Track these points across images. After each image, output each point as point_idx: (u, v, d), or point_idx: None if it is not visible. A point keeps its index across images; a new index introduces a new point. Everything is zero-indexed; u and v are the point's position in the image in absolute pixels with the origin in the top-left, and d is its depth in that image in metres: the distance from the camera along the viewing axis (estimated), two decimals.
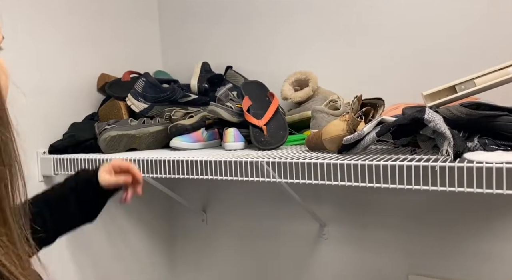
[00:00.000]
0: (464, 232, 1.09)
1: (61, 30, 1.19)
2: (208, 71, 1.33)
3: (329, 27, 1.24)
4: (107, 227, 1.31)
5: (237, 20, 1.40)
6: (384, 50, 1.17)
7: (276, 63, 1.33)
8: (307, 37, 1.28)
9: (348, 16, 1.21)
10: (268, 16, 1.34)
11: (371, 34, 1.18)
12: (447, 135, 0.67)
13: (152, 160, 0.96)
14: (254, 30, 1.37)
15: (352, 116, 0.80)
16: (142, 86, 1.19)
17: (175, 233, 1.57)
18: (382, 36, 1.17)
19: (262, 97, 1.13)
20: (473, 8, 1.06)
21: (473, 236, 1.08)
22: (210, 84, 1.30)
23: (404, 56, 1.14)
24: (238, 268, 1.45)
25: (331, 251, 1.27)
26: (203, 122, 1.18)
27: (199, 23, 1.47)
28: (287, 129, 1.05)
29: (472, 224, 1.07)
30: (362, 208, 1.21)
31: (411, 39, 1.13)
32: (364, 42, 1.19)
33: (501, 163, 0.59)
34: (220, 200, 1.45)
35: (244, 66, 1.36)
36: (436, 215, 1.11)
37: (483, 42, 1.05)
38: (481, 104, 0.75)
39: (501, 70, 0.78)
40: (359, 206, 1.21)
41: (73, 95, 1.21)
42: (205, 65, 1.35)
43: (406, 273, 1.17)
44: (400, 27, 1.14)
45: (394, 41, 1.15)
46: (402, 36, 1.14)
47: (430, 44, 1.11)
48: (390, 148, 0.90)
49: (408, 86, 1.12)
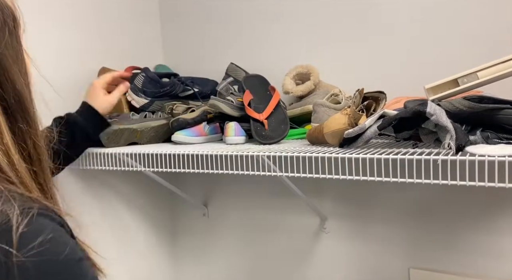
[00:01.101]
0: (465, 226, 1.08)
1: (62, 23, 1.18)
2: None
3: (330, 21, 1.23)
4: (108, 221, 1.31)
5: (238, 14, 1.39)
6: (386, 43, 1.16)
7: (277, 57, 1.33)
8: (309, 31, 1.27)
9: (349, 10, 1.20)
10: (270, 10, 1.33)
11: (372, 28, 1.17)
12: (449, 128, 0.67)
13: (154, 154, 0.96)
14: (255, 24, 1.36)
15: (354, 110, 0.79)
16: (142, 81, 1.18)
17: (177, 227, 1.57)
18: (384, 30, 1.16)
19: (263, 91, 1.13)
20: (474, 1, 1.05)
21: (474, 231, 1.08)
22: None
23: (406, 49, 1.13)
24: (240, 261, 1.45)
25: (332, 245, 1.28)
26: (205, 116, 1.17)
27: (200, 17, 1.47)
28: (288, 123, 1.05)
29: (473, 219, 1.07)
30: (363, 202, 1.21)
31: (412, 32, 1.12)
32: (366, 35, 1.18)
33: (504, 157, 0.58)
34: (221, 194, 1.46)
35: (245, 60, 1.35)
36: (437, 209, 1.11)
37: (486, 34, 1.04)
38: (484, 97, 0.75)
39: (505, 63, 0.77)
40: (361, 200, 1.21)
41: (74, 88, 1.21)
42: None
43: (407, 266, 1.17)
44: (402, 20, 1.13)
45: (396, 34, 1.14)
46: (404, 29, 1.13)
47: (432, 37, 1.10)
48: (392, 142, 0.90)
49: (410, 80, 1.11)
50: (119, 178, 1.35)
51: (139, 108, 1.20)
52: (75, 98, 1.23)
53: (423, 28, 1.11)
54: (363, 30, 1.19)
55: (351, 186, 1.21)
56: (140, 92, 1.18)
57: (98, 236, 1.27)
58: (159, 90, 1.19)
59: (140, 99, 1.18)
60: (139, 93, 1.19)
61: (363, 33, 1.19)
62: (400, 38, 1.14)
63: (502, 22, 1.02)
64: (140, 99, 1.19)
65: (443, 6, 1.08)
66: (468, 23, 1.05)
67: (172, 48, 1.54)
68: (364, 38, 1.19)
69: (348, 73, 1.21)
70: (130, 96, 1.19)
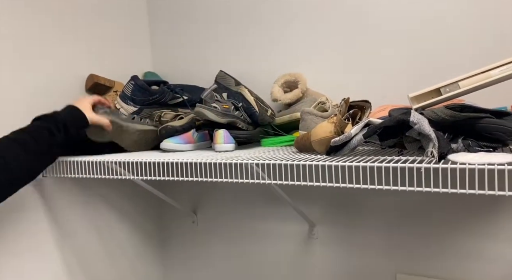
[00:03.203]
0: (450, 231, 1.11)
1: (49, 30, 1.18)
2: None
3: (318, 30, 1.26)
4: (97, 229, 1.30)
5: (226, 22, 1.40)
6: (371, 53, 1.18)
7: (266, 65, 1.34)
8: (297, 39, 1.29)
9: (337, 20, 1.23)
10: (258, 19, 1.35)
11: (359, 38, 1.20)
12: (432, 137, 0.69)
13: (143, 162, 0.96)
14: (243, 32, 1.38)
15: (340, 118, 0.81)
16: (131, 90, 1.18)
17: (166, 235, 1.57)
18: (370, 40, 1.18)
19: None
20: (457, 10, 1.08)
21: (459, 235, 1.10)
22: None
23: (391, 58, 1.16)
24: (229, 268, 1.45)
25: (320, 251, 1.29)
26: (193, 124, 1.18)
27: (189, 24, 1.48)
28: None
29: (458, 224, 1.10)
30: (351, 209, 1.23)
31: (398, 42, 1.15)
32: (352, 45, 1.21)
33: (483, 165, 0.60)
34: (210, 202, 1.46)
35: (233, 68, 1.36)
36: (423, 216, 1.13)
37: (469, 44, 1.07)
38: (465, 106, 0.77)
39: (485, 73, 0.79)
40: (348, 207, 1.23)
41: (62, 95, 1.20)
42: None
43: (394, 271, 1.19)
44: (387, 30, 1.16)
45: (381, 44, 1.17)
46: (389, 39, 1.16)
47: (417, 47, 1.13)
48: (377, 149, 0.92)
49: (395, 88, 1.14)
50: (108, 186, 1.34)
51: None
52: (63, 104, 1.23)
53: (409, 39, 1.14)
54: (350, 41, 1.21)
55: (339, 193, 1.23)
56: (129, 100, 1.19)
57: (86, 244, 1.26)
58: (148, 98, 1.19)
59: (129, 107, 1.19)
60: (128, 101, 1.19)
61: (350, 42, 1.21)
62: (385, 48, 1.17)
63: (485, 33, 1.05)
64: (129, 107, 1.19)
65: (429, 18, 1.11)
66: (452, 34, 1.09)
67: (160, 54, 1.55)
68: (351, 48, 1.21)
69: (335, 81, 1.24)
70: (119, 104, 1.19)
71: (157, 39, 1.55)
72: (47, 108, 0.96)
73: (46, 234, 1.14)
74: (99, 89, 1.29)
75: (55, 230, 1.16)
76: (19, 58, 1.10)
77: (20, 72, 1.10)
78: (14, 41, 1.09)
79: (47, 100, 1.16)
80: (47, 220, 1.14)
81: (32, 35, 1.13)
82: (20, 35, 1.11)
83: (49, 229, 1.14)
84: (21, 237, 1.07)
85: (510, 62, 0.78)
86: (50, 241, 1.15)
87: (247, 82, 1.29)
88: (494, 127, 0.73)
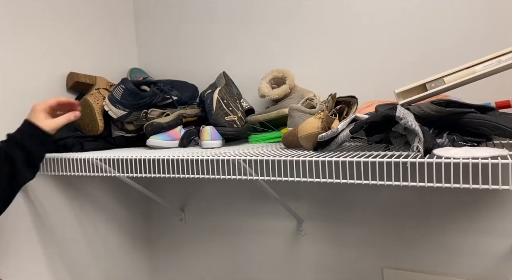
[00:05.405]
0: (436, 226, 1.12)
1: (31, 27, 1.16)
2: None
3: (306, 27, 1.26)
4: (82, 227, 1.28)
5: (212, 19, 1.39)
6: (358, 49, 1.19)
7: (254, 61, 1.34)
8: (285, 36, 1.29)
9: (324, 17, 1.23)
10: (245, 16, 1.34)
11: (346, 34, 1.20)
12: (418, 132, 0.69)
13: (128, 159, 0.95)
14: (230, 29, 1.37)
15: (327, 114, 0.81)
16: (121, 94, 1.15)
17: (154, 233, 1.56)
18: (356, 36, 1.19)
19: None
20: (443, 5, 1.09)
21: (445, 230, 1.11)
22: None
23: (378, 55, 1.16)
24: (217, 265, 1.45)
25: (309, 247, 1.29)
26: (180, 120, 1.17)
27: (174, 21, 1.46)
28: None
29: (444, 219, 1.11)
30: (338, 204, 1.23)
31: (384, 38, 1.15)
32: (339, 42, 1.21)
33: (468, 159, 0.61)
34: (198, 199, 1.45)
35: (221, 65, 1.36)
36: (409, 211, 1.15)
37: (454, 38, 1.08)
38: (450, 101, 0.78)
39: (468, 68, 0.80)
40: (336, 202, 1.24)
41: (44, 94, 1.18)
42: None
43: (380, 266, 1.20)
44: (374, 27, 1.17)
45: (367, 41, 1.17)
46: (376, 36, 1.16)
47: (403, 43, 1.13)
48: (364, 145, 0.92)
49: (382, 84, 1.14)
50: (94, 184, 1.32)
51: (116, 119, 1.18)
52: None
53: (394, 36, 1.14)
54: (337, 37, 1.22)
55: (326, 189, 1.23)
56: (118, 103, 1.16)
57: (71, 242, 1.24)
58: (138, 102, 1.15)
59: (118, 110, 1.16)
60: (117, 104, 1.16)
61: (337, 39, 1.22)
62: (372, 45, 1.17)
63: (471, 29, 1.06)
64: (118, 111, 1.16)
65: (415, 14, 1.12)
66: (438, 30, 1.09)
67: (146, 51, 1.53)
68: (338, 44, 1.21)
69: (322, 77, 1.24)
70: (108, 106, 1.17)
71: (143, 35, 1.53)
72: (29, 108, 0.93)
73: (30, 232, 1.12)
74: (81, 87, 1.27)
75: (39, 228, 1.14)
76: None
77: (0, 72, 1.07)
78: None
79: (29, 100, 1.10)
80: (31, 219, 1.12)
81: (11, 34, 1.11)
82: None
83: (33, 227, 1.12)
84: (3, 236, 1.05)
85: (493, 58, 0.79)
86: (35, 240, 1.13)
87: (234, 81, 1.29)
88: (478, 122, 0.73)
